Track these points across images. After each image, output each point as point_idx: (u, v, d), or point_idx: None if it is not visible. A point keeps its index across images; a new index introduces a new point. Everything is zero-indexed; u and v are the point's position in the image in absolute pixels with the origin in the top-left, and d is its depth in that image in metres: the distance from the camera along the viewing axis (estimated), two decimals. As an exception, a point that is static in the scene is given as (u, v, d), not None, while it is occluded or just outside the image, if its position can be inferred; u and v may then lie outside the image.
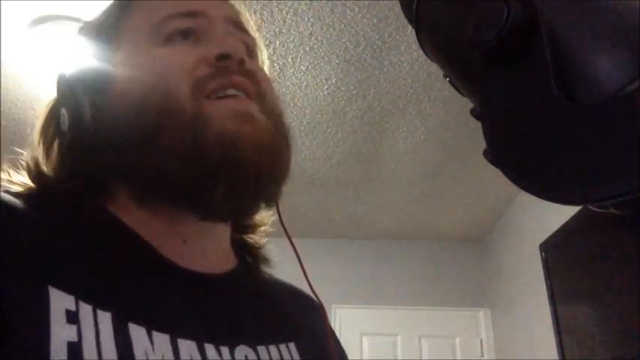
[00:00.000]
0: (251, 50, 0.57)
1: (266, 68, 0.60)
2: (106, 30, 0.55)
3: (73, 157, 0.51)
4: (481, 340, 3.44)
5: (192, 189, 0.47)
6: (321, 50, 2.03)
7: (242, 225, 0.61)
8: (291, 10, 1.86)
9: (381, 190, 2.99)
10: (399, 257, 3.61)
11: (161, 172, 0.47)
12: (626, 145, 0.26)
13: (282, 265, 0.66)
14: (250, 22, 0.60)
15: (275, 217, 0.59)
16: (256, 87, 0.52)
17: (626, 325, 1.97)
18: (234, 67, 0.50)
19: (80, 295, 0.39)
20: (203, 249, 0.53)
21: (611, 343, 2.07)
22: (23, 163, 0.51)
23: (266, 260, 0.63)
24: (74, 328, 0.37)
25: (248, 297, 0.56)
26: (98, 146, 0.50)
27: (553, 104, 0.29)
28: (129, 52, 0.52)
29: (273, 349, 0.51)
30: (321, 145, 2.59)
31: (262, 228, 0.63)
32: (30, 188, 0.50)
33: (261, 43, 0.61)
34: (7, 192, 0.47)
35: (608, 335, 2.10)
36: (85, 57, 0.55)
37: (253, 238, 0.63)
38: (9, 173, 0.51)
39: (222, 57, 0.49)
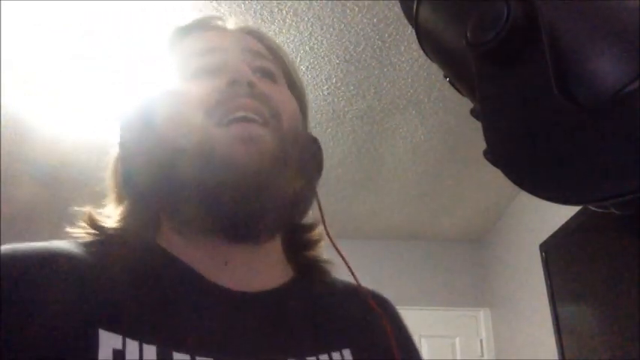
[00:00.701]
0: (271, 74, 0.59)
1: (301, 90, 0.64)
2: (159, 67, 0.60)
3: (131, 196, 0.56)
4: (481, 340, 3.44)
5: (200, 214, 0.50)
6: (321, 50, 2.03)
7: (296, 241, 0.62)
8: (291, 10, 1.86)
9: (381, 190, 2.99)
10: (399, 257, 3.61)
11: (181, 201, 0.51)
12: (626, 145, 0.26)
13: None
14: (271, 44, 0.63)
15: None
16: (268, 107, 0.53)
17: (626, 325, 1.97)
18: (244, 90, 0.52)
19: (127, 333, 0.43)
20: (247, 268, 0.54)
21: (611, 343, 2.07)
22: (81, 216, 0.55)
23: (322, 271, 0.63)
24: None
25: (299, 309, 0.56)
26: (149, 186, 0.54)
27: (553, 104, 0.29)
28: (162, 90, 0.56)
29: (324, 357, 0.51)
30: (321, 145, 2.59)
31: (319, 243, 0.63)
32: (91, 236, 0.54)
33: (293, 68, 0.64)
34: (69, 242, 0.51)
35: (608, 335, 2.10)
36: (141, 91, 0.60)
37: (308, 251, 0.63)
38: (75, 227, 0.55)
39: (231, 83, 0.52)
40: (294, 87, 0.63)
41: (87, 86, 2.17)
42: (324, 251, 0.64)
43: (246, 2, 1.82)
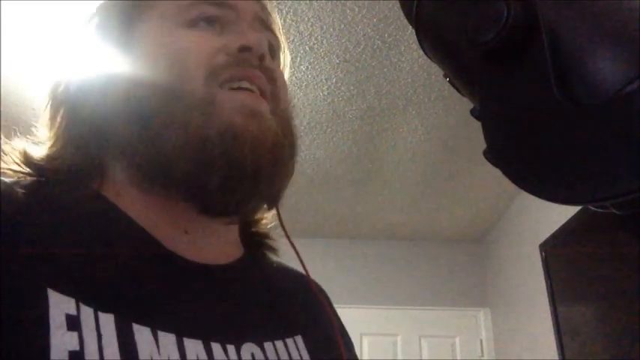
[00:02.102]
0: (274, 51, 0.56)
1: (286, 73, 0.60)
2: (132, 5, 0.54)
3: (71, 133, 0.49)
4: (481, 340, 3.44)
5: (187, 176, 0.46)
6: (321, 50, 2.03)
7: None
8: (291, 10, 1.86)
9: (381, 190, 2.99)
10: (399, 257, 3.60)
11: (158, 154, 0.46)
12: (626, 145, 0.26)
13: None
14: (278, 24, 0.59)
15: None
16: (271, 86, 0.51)
17: (626, 325, 1.96)
18: (254, 61, 0.49)
19: (81, 298, 0.37)
20: (206, 240, 0.51)
21: (611, 343, 2.07)
22: (15, 151, 0.49)
23: (272, 248, 0.62)
24: (75, 335, 0.36)
25: (253, 287, 0.54)
26: (100, 119, 0.49)
27: (553, 104, 0.29)
28: (152, 29, 0.51)
29: (279, 344, 0.49)
30: (321, 145, 2.59)
31: (264, 221, 0.61)
32: (22, 175, 0.48)
33: (285, 47, 0.60)
34: (4, 182, 0.45)
35: (608, 335, 2.10)
36: (107, 27, 0.54)
37: (258, 227, 0.61)
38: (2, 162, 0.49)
39: (244, 49, 0.49)
40: (284, 64, 0.60)
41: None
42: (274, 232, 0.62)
43: (246, 2, 1.83)
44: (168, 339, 0.40)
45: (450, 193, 3.02)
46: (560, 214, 2.43)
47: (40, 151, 0.50)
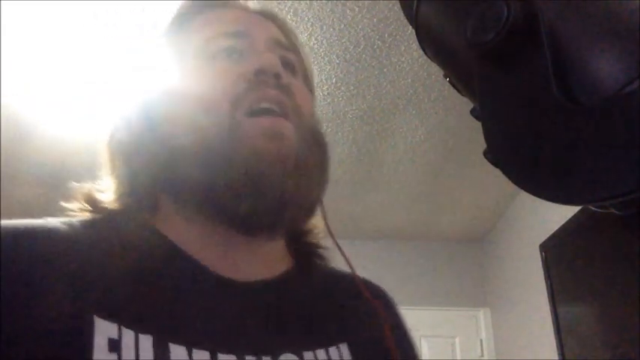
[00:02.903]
0: (292, 67, 0.58)
1: (313, 83, 0.63)
2: (166, 41, 0.59)
3: (126, 173, 0.54)
4: (481, 340, 3.44)
5: (221, 203, 0.49)
6: (321, 50, 2.03)
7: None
8: (291, 10, 1.86)
9: (381, 190, 2.99)
10: (399, 257, 3.60)
11: (196, 184, 0.50)
12: (626, 145, 0.26)
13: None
14: (298, 39, 0.62)
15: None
16: (292, 101, 0.53)
17: (626, 325, 1.96)
18: (270, 81, 0.52)
19: (123, 322, 0.42)
20: (248, 259, 0.53)
21: (611, 343, 2.07)
22: (78, 192, 0.54)
23: (322, 258, 0.62)
24: (115, 355, 0.40)
25: (296, 300, 0.55)
26: (149, 158, 0.53)
27: (553, 104, 0.29)
28: (179, 67, 0.55)
29: (321, 353, 0.50)
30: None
31: (315, 230, 0.62)
32: (85, 214, 0.53)
33: (308, 60, 0.63)
34: (63, 221, 0.50)
35: (608, 335, 2.10)
36: (145, 69, 0.59)
37: (309, 238, 0.62)
38: (72, 203, 0.54)
39: (259, 72, 0.52)
40: (308, 81, 0.62)
41: (87, 86, 2.17)
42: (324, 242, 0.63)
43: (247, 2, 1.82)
44: (202, 355, 0.44)
45: (450, 193, 3.02)
46: (560, 214, 2.43)
47: (102, 192, 0.55)
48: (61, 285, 0.43)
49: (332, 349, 0.51)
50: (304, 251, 0.61)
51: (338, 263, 0.63)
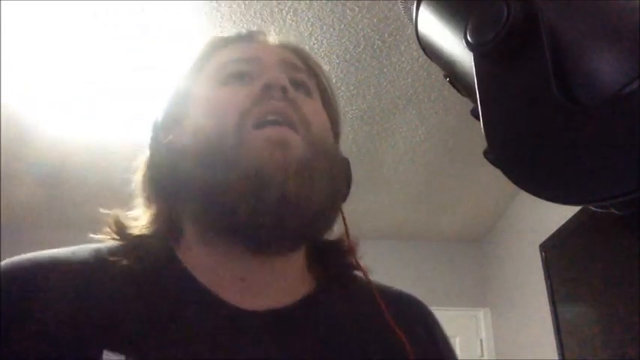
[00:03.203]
0: (305, 87, 0.60)
1: (334, 106, 0.64)
2: (190, 74, 0.61)
3: (154, 202, 0.56)
4: (481, 340, 3.44)
5: (222, 203, 0.50)
6: (321, 50, 2.03)
7: (319, 247, 0.61)
8: (291, 10, 1.86)
9: (381, 190, 2.99)
10: (399, 257, 3.60)
11: (210, 204, 0.51)
12: (626, 145, 0.26)
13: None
14: (320, 68, 0.64)
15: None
16: (298, 113, 0.54)
17: (626, 325, 1.96)
18: (277, 95, 0.53)
19: (130, 354, 0.43)
20: (265, 284, 0.54)
21: (611, 343, 2.07)
22: (108, 220, 0.56)
23: (344, 281, 0.61)
24: None
25: (312, 328, 0.54)
26: (173, 186, 0.55)
27: (553, 104, 0.29)
28: (196, 93, 0.58)
29: None
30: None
31: (344, 255, 0.61)
32: (114, 241, 0.55)
33: (329, 85, 0.64)
34: (92, 252, 0.52)
35: (608, 335, 2.10)
36: (174, 98, 0.61)
37: (332, 256, 0.61)
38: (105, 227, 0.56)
39: (265, 87, 0.54)
40: (329, 105, 0.63)
41: (87, 86, 2.17)
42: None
43: (246, 2, 1.82)
44: None
45: (449, 193, 3.02)
46: (560, 214, 2.43)
47: (131, 218, 0.57)
48: (74, 319, 0.45)
49: None
50: (327, 275, 0.60)
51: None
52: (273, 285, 0.54)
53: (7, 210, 2.84)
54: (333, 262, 0.61)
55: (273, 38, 0.64)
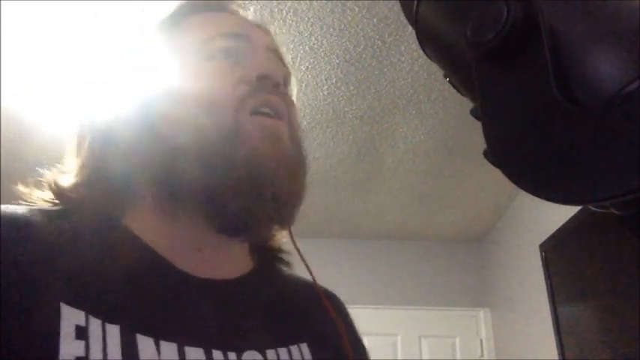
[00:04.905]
0: (286, 80, 0.61)
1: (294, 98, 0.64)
2: (161, 38, 0.59)
3: (97, 163, 0.54)
4: (481, 340, 3.44)
5: (211, 198, 0.50)
6: (321, 50, 2.03)
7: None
8: (291, 10, 1.86)
9: (381, 190, 2.99)
10: (399, 257, 3.60)
11: (192, 179, 0.50)
12: (626, 145, 0.26)
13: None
14: (286, 56, 0.64)
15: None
16: (287, 109, 0.55)
17: (626, 325, 1.96)
18: (270, 88, 0.54)
19: (91, 311, 0.42)
20: (218, 257, 0.55)
21: (612, 343, 2.07)
22: (45, 181, 0.54)
23: (284, 262, 0.64)
24: (82, 343, 0.40)
25: (259, 300, 0.56)
26: (127, 151, 0.53)
27: (553, 104, 0.29)
28: (176, 65, 0.56)
29: (282, 351, 0.52)
30: (321, 145, 2.59)
31: (278, 235, 0.64)
32: (52, 204, 0.53)
33: (292, 76, 0.64)
34: (29, 209, 0.50)
35: (608, 335, 2.10)
36: (143, 67, 0.59)
37: (270, 242, 0.64)
38: (31, 191, 0.55)
39: (262, 77, 0.53)
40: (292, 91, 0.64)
41: (87, 86, 2.17)
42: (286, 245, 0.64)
43: (246, 2, 1.82)
44: (169, 347, 0.44)
45: (450, 193, 3.02)
46: (560, 214, 2.43)
47: (68, 180, 0.54)
48: (29, 272, 0.42)
49: (293, 348, 0.53)
50: (267, 255, 0.63)
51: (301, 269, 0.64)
52: (226, 259, 0.55)
53: (7, 210, 2.84)
54: (273, 248, 0.63)
55: (249, 14, 0.63)
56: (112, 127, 0.54)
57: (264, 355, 0.50)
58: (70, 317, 0.41)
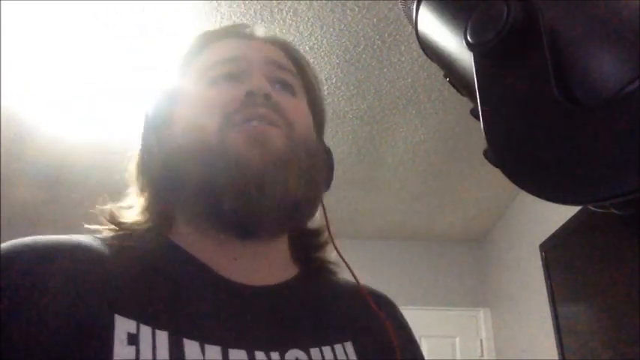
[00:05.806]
0: (289, 86, 0.62)
1: (319, 103, 0.67)
2: (180, 69, 0.64)
3: (147, 195, 0.60)
4: (481, 340, 3.44)
5: (211, 207, 0.54)
6: (321, 50, 2.04)
7: (302, 243, 0.65)
8: (291, 10, 1.86)
9: (381, 190, 2.99)
10: (399, 257, 3.60)
11: (197, 197, 0.55)
12: (626, 145, 0.26)
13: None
14: (306, 63, 0.67)
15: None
16: (281, 116, 0.57)
17: (626, 325, 1.97)
18: (260, 100, 0.56)
19: (141, 320, 0.47)
20: (254, 264, 0.58)
21: (612, 343, 2.07)
22: (102, 213, 0.59)
23: (328, 269, 0.66)
24: (133, 348, 0.45)
25: (302, 303, 0.59)
26: (165, 180, 0.58)
27: (553, 105, 0.29)
28: (184, 92, 0.61)
29: (327, 350, 0.54)
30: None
31: (324, 247, 0.66)
32: (111, 231, 0.58)
33: (310, 79, 0.67)
34: (92, 237, 0.55)
35: (608, 335, 2.10)
36: (160, 96, 0.64)
37: (313, 253, 0.66)
38: (97, 224, 0.59)
39: (249, 94, 0.57)
40: (315, 103, 0.66)
41: (87, 86, 2.17)
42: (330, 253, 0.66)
43: (246, 2, 1.82)
44: (214, 350, 0.48)
45: (450, 193, 3.02)
46: (560, 214, 2.43)
47: (127, 211, 0.60)
48: (83, 290, 0.47)
49: (337, 347, 0.55)
50: (310, 263, 0.65)
51: (345, 271, 0.66)
52: (263, 267, 0.58)
53: (7, 210, 2.84)
54: (314, 253, 0.66)
55: (261, 32, 0.67)
56: (151, 159, 0.60)
57: (307, 353, 0.52)
58: (123, 326, 0.46)
